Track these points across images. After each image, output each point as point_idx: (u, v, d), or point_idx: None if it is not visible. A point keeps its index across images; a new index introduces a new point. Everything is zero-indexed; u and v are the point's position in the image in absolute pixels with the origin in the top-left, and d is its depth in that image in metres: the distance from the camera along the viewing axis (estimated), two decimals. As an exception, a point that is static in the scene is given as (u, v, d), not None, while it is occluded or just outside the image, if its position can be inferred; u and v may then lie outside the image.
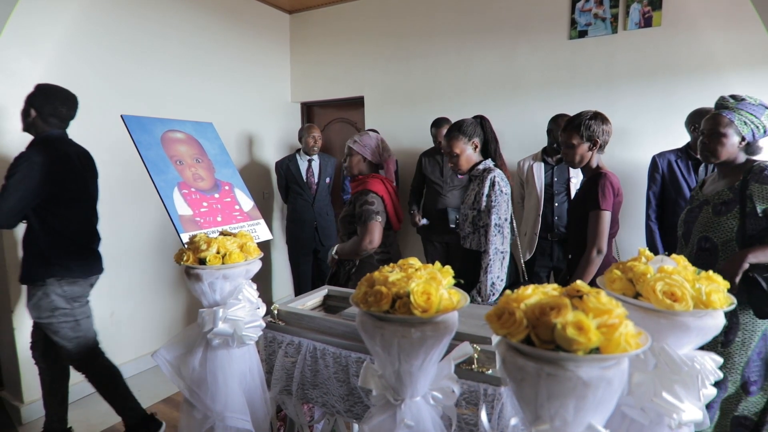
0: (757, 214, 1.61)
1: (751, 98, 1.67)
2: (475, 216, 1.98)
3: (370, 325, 0.99)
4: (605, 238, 1.83)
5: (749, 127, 1.65)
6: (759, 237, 1.63)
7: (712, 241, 1.72)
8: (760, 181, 1.61)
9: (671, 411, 0.93)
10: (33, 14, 2.46)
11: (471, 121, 2.08)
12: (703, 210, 1.78)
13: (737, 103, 1.68)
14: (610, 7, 3.06)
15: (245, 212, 2.17)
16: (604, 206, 1.82)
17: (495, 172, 1.96)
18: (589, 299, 0.73)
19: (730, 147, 1.68)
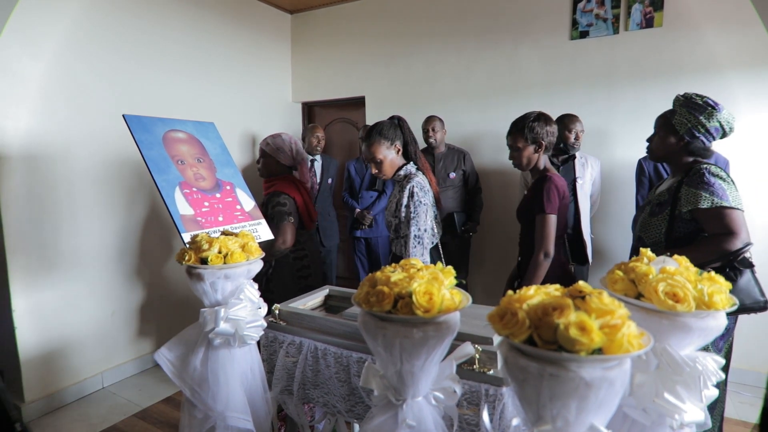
0: (688, 218, 1.60)
1: (699, 97, 1.62)
2: (397, 224, 1.95)
3: (372, 325, 0.99)
4: (552, 241, 1.82)
5: (687, 126, 1.62)
6: (685, 240, 1.62)
7: (644, 242, 1.72)
8: (689, 184, 1.59)
9: (673, 412, 0.93)
10: (33, 14, 2.46)
11: (390, 123, 1.99)
12: (645, 211, 1.78)
13: (683, 101, 1.65)
14: (612, 8, 3.06)
15: (246, 212, 2.17)
16: (549, 210, 1.82)
17: (414, 181, 1.91)
18: (592, 300, 0.73)
19: (664, 144, 1.69)
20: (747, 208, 2.74)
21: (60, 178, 2.61)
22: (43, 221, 2.55)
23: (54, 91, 2.57)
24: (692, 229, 1.60)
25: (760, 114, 2.74)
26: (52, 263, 2.60)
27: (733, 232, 1.51)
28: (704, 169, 1.58)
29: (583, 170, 2.86)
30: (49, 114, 2.55)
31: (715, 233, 1.54)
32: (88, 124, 2.73)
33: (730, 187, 1.57)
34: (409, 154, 2.00)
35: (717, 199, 1.53)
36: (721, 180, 1.57)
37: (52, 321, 2.62)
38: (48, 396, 2.59)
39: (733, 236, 1.51)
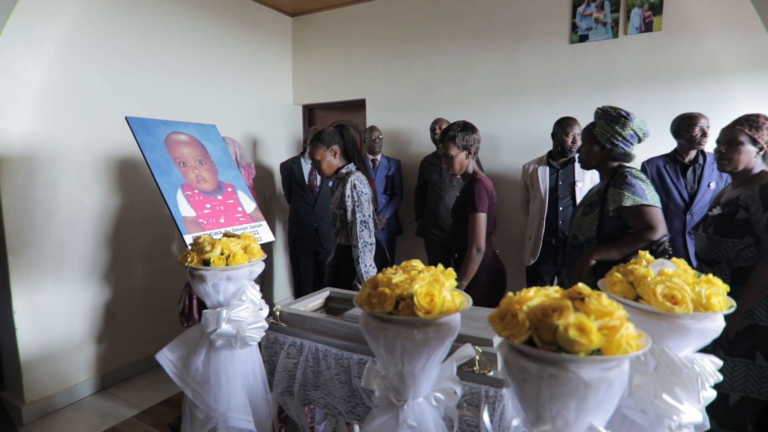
0: (614, 216, 1.81)
1: (613, 109, 1.82)
2: (342, 215, 2.18)
3: (374, 326, 1.00)
4: (483, 237, 2.00)
5: (607, 136, 1.82)
6: (613, 235, 1.82)
7: (578, 239, 1.93)
8: (615, 186, 1.80)
9: (671, 412, 0.94)
10: (34, 15, 2.48)
11: (330, 131, 2.25)
12: (578, 211, 1.99)
13: (602, 114, 1.85)
14: (611, 12, 3.08)
15: (248, 214, 2.18)
16: (481, 209, 2.00)
17: (354, 176, 2.16)
18: (591, 301, 0.74)
19: (590, 153, 1.89)
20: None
21: (61, 180, 2.62)
22: (45, 223, 2.55)
23: (55, 93, 2.58)
24: (619, 225, 1.81)
25: (759, 118, 2.75)
26: (54, 265, 2.60)
27: (652, 226, 1.72)
28: (627, 173, 1.80)
29: (583, 173, 2.87)
30: (51, 116, 2.56)
31: (637, 228, 1.76)
32: (89, 126, 2.74)
33: (649, 188, 1.78)
34: (350, 156, 2.27)
35: (638, 198, 1.74)
36: (641, 181, 1.78)
37: (53, 322, 2.62)
38: (48, 397, 2.59)
39: (653, 230, 1.72)
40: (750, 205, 1.67)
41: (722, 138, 1.79)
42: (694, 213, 2.54)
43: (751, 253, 1.68)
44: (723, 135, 1.79)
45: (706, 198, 2.53)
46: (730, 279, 1.72)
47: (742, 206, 1.69)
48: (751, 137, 1.70)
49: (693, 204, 2.53)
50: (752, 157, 1.72)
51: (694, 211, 2.54)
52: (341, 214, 2.19)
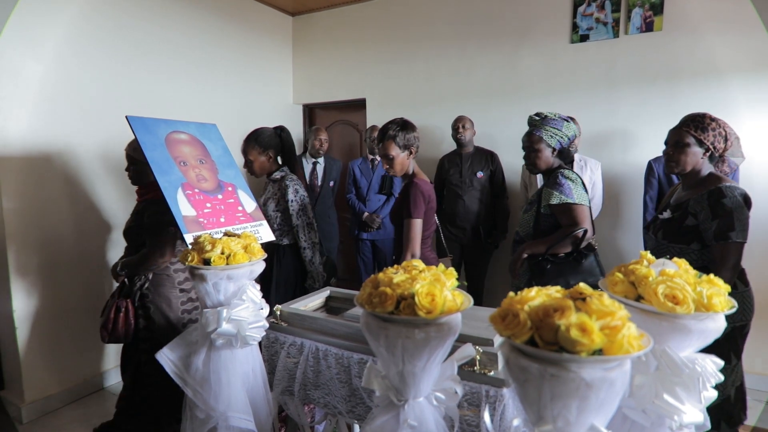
0: (547, 213, 1.94)
1: (552, 114, 1.98)
2: (282, 218, 2.36)
3: (375, 326, 1.00)
4: (417, 243, 1.99)
5: (555, 139, 1.95)
6: (548, 231, 1.95)
7: (519, 235, 2.08)
8: (548, 185, 1.93)
9: (672, 413, 0.94)
10: (35, 15, 2.47)
11: (270, 133, 2.34)
12: (522, 209, 2.14)
13: (542, 120, 1.97)
14: (612, 12, 3.08)
15: (248, 213, 2.18)
16: (415, 215, 1.98)
17: (291, 181, 2.35)
18: (592, 301, 0.74)
19: (544, 158, 1.98)
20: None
21: (61, 179, 2.62)
22: (45, 222, 2.55)
23: (55, 92, 2.58)
24: (553, 222, 1.94)
25: (760, 117, 2.75)
26: (53, 264, 2.60)
27: (576, 223, 1.86)
28: (560, 173, 1.93)
29: (582, 173, 2.88)
30: (51, 115, 2.56)
31: (564, 224, 1.89)
32: (89, 125, 2.74)
33: (577, 187, 1.90)
34: (287, 161, 2.44)
35: (564, 197, 1.87)
36: (570, 181, 1.90)
37: (53, 321, 2.62)
38: (48, 396, 2.59)
39: (577, 226, 1.86)
40: (699, 212, 1.67)
41: (669, 139, 1.78)
42: None
43: (696, 257, 1.69)
44: (670, 136, 1.78)
45: None
46: None
47: (691, 213, 1.69)
48: (697, 138, 1.68)
49: None
50: (699, 159, 1.71)
51: None
52: (281, 217, 2.38)
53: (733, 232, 1.59)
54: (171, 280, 2.08)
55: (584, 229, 1.86)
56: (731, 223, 1.59)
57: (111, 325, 1.98)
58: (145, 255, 1.99)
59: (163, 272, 2.06)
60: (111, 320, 1.98)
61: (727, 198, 1.61)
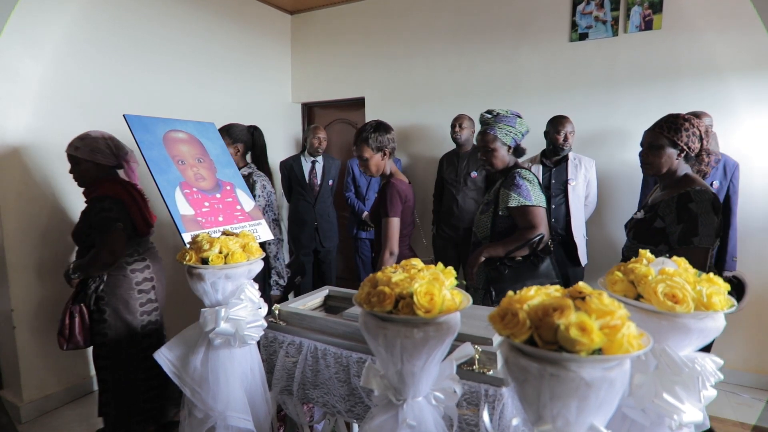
0: (505, 215, 1.92)
1: (504, 111, 1.95)
2: None
3: (373, 325, 1.00)
4: (395, 241, 2.02)
5: (510, 136, 1.94)
6: (505, 233, 1.93)
7: (476, 236, 2.06)
8: (506, 186, 1.91)
9: (672, 412, 0.94)
10: (34, 14, 2.46)
11: (242, 128, 2.37)
12: (478, 210, 2.11)
13: (495, 118, 1.94)
14: (611, 10, 3.08)
15: (246, 212, 2.17)
16: (392, 214, 2.01)
17: (259, 177, 2.42)
18: (592, 300, 0.73)
19: (500, 157, 1.96)
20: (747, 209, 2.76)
21: (60, 178, 2.61)
22: (43, 220, 2.54)
23: (54, 92, 2.57)
24: (510, 224, 1.92)
25: (760, 116, 2.75)
26: (52, 263, 2.59)
27: (533, 225, 1.85)
28: (517, 173, 1.91)
29: (576, 172, 2.87)
30: (50, 114, 2.55)
31: (521, 226, 1.88)
32: (88, 124, 2.72)
33: (534, 188, 1.89)
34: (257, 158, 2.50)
35: (522, 199, 1.86)
36: (528, 182, 1.89)
37: (52, 321, 2.61)
38: (47, 396, 2.58)
39: (534, 228, 1.84)
40: (666, 215, 1.65)
41: (643, 141, 1.76)
42: None
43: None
44: (644, 138, 1.75)
45: None
46: None
47: (660, 215, 1.67)
48: (670, 140, 1.65)
49: None
50: (674, 160, 1.67)
51: None
52: None
53: (696, 237, 1.56)
54: (128, 281, 2.01)
55: (541, 234, 1.85)
56: (695, 228, 1.56)
57: (68, 332, 1.93)
58: (94, 255, 1.90)
59: (119, 273, 1.99)
60: (66, 327, 1.93)
61: (694, 203, 1.58)
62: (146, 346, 2.04)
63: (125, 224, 1.94)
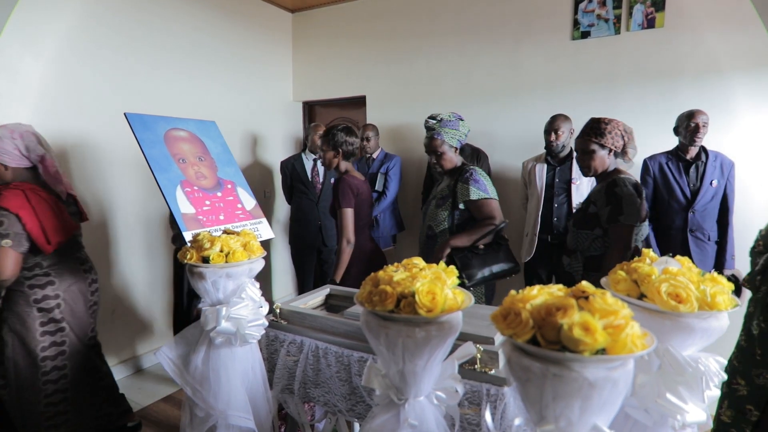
0: (463, 208, 2.07)
1: (447, 115, 2.10)
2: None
3: (375, 325, 0.99)
4: (351, 230, 2.22)
5: (456, 139, 2.10)
6: (463, 225, 2.09)
7: (433, 230, 2.16)
8: (463, 182, 2.05)
9: (675, 412, 0.93)
10: (34, 12, 2.46)
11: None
12: (431, 204, 2.21)
13: (440, 123, 2.08)
14: (613, 8, 3.06)
15: (247, 211, 2.17)
16: (345, 205, 2.21)
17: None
18: (596, 300, 0.73)
19: (449, 159, 2.12)
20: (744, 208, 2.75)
21: (61, 177, 2.61)
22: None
23: (55, 90, 2.57)
24: (467, 216, 2.08)
25: (761, 114, 2.74)
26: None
27: (493, 216, 2.03)
28: (473, 170, 2.08)
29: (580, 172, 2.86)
30: (50, 112, 2.55)
31: (481, 218, 2.04)
32: (89, 123, 2.73)
33: (489, 183, 2.08)
34: None
35: (482, 192, 2.03)
36: (483, 177, 2.07)
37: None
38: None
39: (493, 219, 2.03)
40: (597, 200, 1.89)
41: (576, 148, 1.98)
42: (696, 210, 2.53)
43: (600, 243, 1.89)
44: (576, 145, 1.98)
45: (707, 196, 2.52)
46: (582, 266, 1.95)
47: (593, 202, 1.91)
48: (599, 144, 1.89)
49: (695, 202, 2.52)
50: (606, 160, 1.91)
51: (696, 208, 2.53)
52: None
53: (622, 215, 1.80)
54: (25, 297, 1.81)
55: (506, 222, 2.06)
56: (620, 208, 1.80)
57: None
58: None
59: (17, 288, 1.80)
60: None
61: (619, 187, 1.83)
62: (49, 368, 1.85)
63: (18, 240, 1.72)
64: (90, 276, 2.03)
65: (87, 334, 2.00)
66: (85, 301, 1.98)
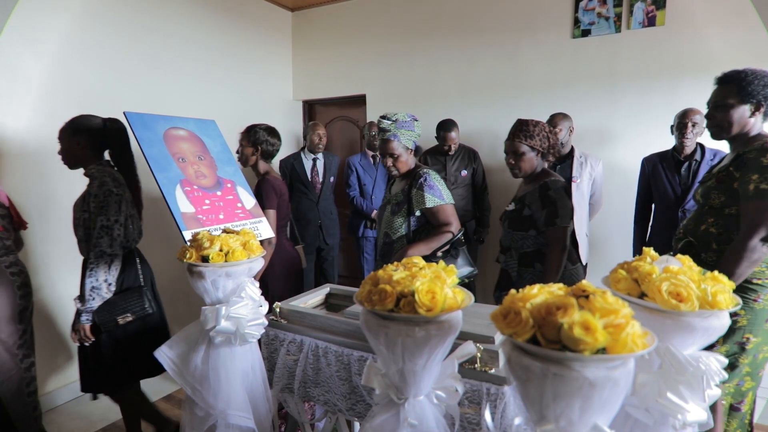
0: (419, 215, 2.03)
1: (403, 115, 2.04)
2: (86, 218, 1.84)
3: (374, 324, 0.99)
4: (273, 230, 2.26)
5: (411, 140, 2.06)
6: (420, 231, 2.05)
7: (390, 236, 2.11)
8: (417, 188, 2.00)
9: (676, 411, 0.93)
10: (34, 12, 2.46)
11: (92, 119, 2.00)
12: (386, 209, 2.16)
13: (395, 124, 2.03)
14: (614, 6, 3.05)
15: (247, 210, 2.17)
16: (269, 206, 2.29)
17: (106, 173, 1.88)
18: (596, 299, 0.72)
19: (405, 161, 2.07)
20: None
21: (60, 176, 2.60)
22: (43, 219, 2.54)
23: (55, 89, 2.56)
24: (424, 221, 2.05)
25: (762, 113, 2.73)
26: (51, 261, 2.59)
27: (450, 222, 1.99)
28: (426, 174, 2.02)
29: (581, 169, 2.85)
30: (50, 111, 2.54)
31: (439, 224, 2.00)
32: (88, 122, 2.72)
33: (444, 187, 2.03)
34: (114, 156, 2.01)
35: (437, 199, 1.99)
36: (438, 182, 2.02)
37: (51, 318, 2.61)
38: (47, 394, 2.58)
39: (451, 225, 1.99)
40: (532, 203, 1.96)
41: (507, 150, 2.03)
42: (687, 209, 2.51)
43: (533, 242, 1.99)
44: (506, 147, 2.03)
45: None
46: (517, 263, 2.03)
47: (527, 205, 1.98)
48: (529, 146, 1.97)
49: (686, 201, 2.51)
50: (534, 161, 1.99)
51: (686, 207, 2.51)
52: (85, 218, 1.85)
53: (558, 218, 1.89)
54: None
55: (462, 230, 2.02)
56: (556, 210, 1.89)
57: None
58: None
59: None
60: None
61: (552, 190, 1.92)
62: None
63: None
64: (18, 279, 1.93)
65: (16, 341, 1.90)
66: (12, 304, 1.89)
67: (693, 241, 1.69)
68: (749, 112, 1.61)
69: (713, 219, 1.64)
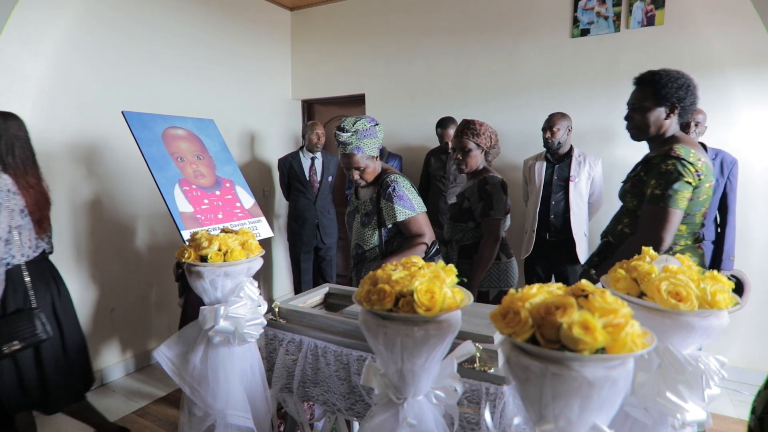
0: (390, 226, 1.93)
1: (362, 123, 1.83)
2: None
3: (373, 324, 0.99)
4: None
5: (375, 147, 1.90)
6: (391, 241, 1.95)
7: (361, 247, 2.00)
8: (386, 198, 1.88)
9: (675, 411, 0.93)
10: (34, 12, 2.45)
11: None
12: (355, 218, 2.03)
13: (356, 135, 1.82)
14: (613, 6, 3.05)
15: (246, 209, 2.16)
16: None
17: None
18: (595, 299, 0.72)
19: (373, 170, 1.93)
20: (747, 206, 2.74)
21: (59, 175, 2.60)
22: (42, 218, 2.53)
23: (54, 89, 2.56)
24: (396, 231, 1.95)
25: (761, 112, 2.73)
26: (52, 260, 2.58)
27: (423, 233, 1.89)
28: (394, 183, 1.87)
29: (580, 169, 2.85)
30: (49, 111, 2.54)
31: (411, 235, 1.90)
32: (86, 121, 2.72)
33: (414, 196, 1.91)
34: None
35: (408, 211, 1.87)
36: (407, 191, 1.89)
37: (51, 318, 2.60)
38: (47, 393, 2.58)
39: (424, 235, 1.89)
40: (470, 197, 2.10)
41: (455, 146, 2.14)
42: None
43: (472, 234, 2.13)
44: (454, 144, 2.14)
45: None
46: (457, 254, 2.16)
47: (467, 197, 2.11)
48: (476, 143, 2.09)
49: None
50: (479, 158, 2.13)
51: None
52: None
53: (492, 210, 2.05)
54: None
55: (436, 245, 1.94)
56: (491, 203, 2.05)
57: None
58: None
59: None
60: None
61: (489, 185, 2.07)
62: None
63: None
64: None
65: None
66: None
67: (611, 241, 1.75)
68: (665, 114, 1.63)
69: (628, 220, 1.69)
